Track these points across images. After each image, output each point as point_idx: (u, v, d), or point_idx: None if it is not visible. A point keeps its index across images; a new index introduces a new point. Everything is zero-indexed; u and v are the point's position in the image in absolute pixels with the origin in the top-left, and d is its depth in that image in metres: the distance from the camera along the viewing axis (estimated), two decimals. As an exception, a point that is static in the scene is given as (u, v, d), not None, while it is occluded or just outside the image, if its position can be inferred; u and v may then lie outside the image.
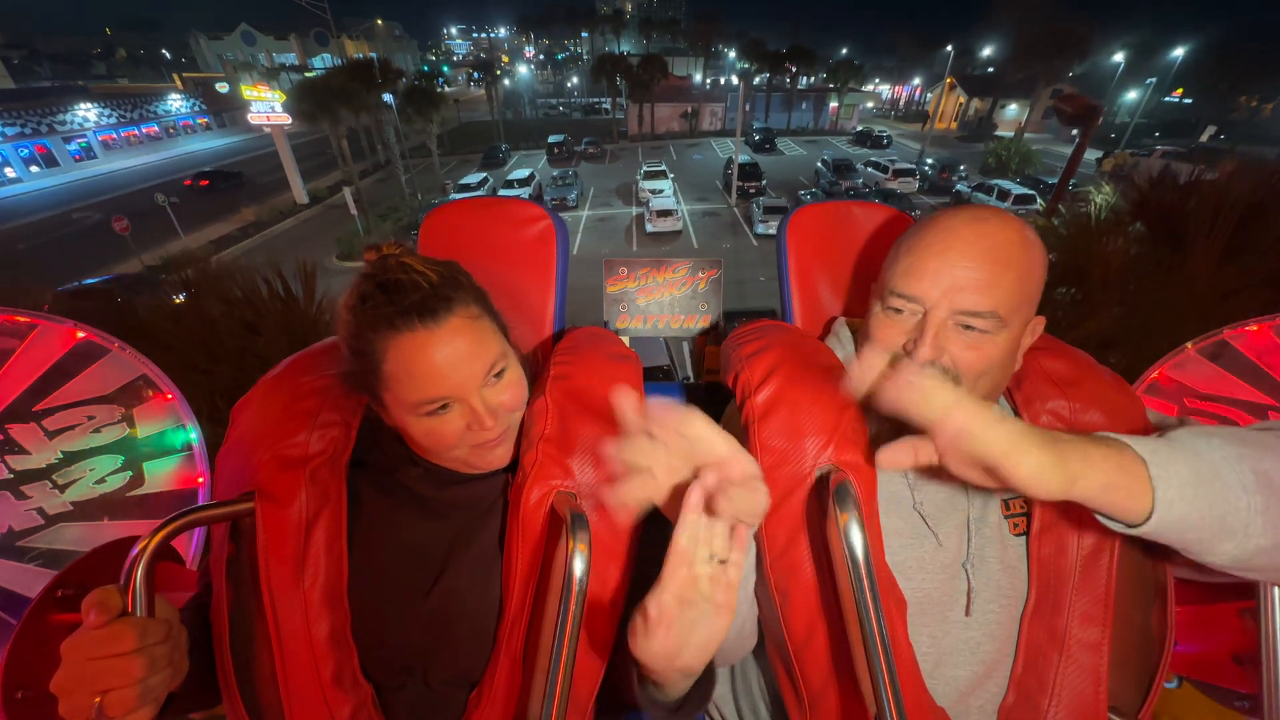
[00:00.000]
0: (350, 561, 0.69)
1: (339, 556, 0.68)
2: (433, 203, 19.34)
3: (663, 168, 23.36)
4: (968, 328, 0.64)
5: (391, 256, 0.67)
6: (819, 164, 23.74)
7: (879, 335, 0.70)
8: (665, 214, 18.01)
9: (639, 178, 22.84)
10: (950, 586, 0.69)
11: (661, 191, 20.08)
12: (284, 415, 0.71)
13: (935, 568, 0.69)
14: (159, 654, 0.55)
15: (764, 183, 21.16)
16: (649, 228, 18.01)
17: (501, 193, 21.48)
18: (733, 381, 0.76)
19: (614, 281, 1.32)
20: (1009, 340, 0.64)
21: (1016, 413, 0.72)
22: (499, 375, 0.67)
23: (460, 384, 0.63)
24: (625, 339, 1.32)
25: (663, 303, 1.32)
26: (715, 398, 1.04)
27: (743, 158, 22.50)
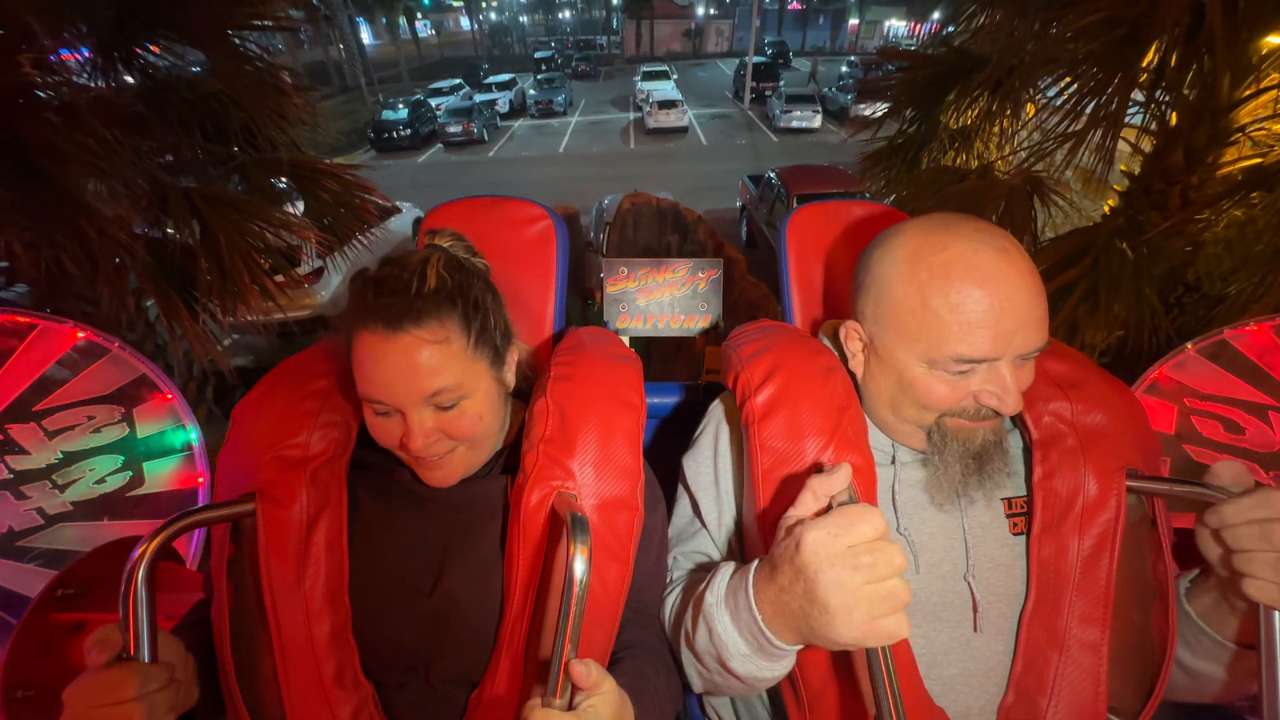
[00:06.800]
0: (351, 561, 0.69)
1: (340, 556, 0.68)
2: (393, 103, 17.62)
3: (665, 69, 20.50)
4: (1024, 359, 0.63)
5: (426, 250, 0.68)
6: (843, 68, 22.50)
7: (942, 398, 0.64)
8: (668, 105, 16.06)
9: (637, 79, 20.17)
10: (940, 586, 0.69)
11: (664, 91, 17.78)
12: (285, 416, 0.71)
13: (921, 568, 0.69)
14: (160, 700, 0.56)
15: (781, 84, 18.61)
16: (649, 123, 16.24)
17: (478, 98, 19.15)
18: (733, 382, 0.76)
19: (614, 281, 1.31)
20: None
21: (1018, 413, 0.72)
22: (449, 406, 0.65)
23: (397, 397, 0.63)
24: (625, 339, 1.32)
25: (663, 303, 1.32)
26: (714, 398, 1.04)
27: (757, 59, 20.17)
